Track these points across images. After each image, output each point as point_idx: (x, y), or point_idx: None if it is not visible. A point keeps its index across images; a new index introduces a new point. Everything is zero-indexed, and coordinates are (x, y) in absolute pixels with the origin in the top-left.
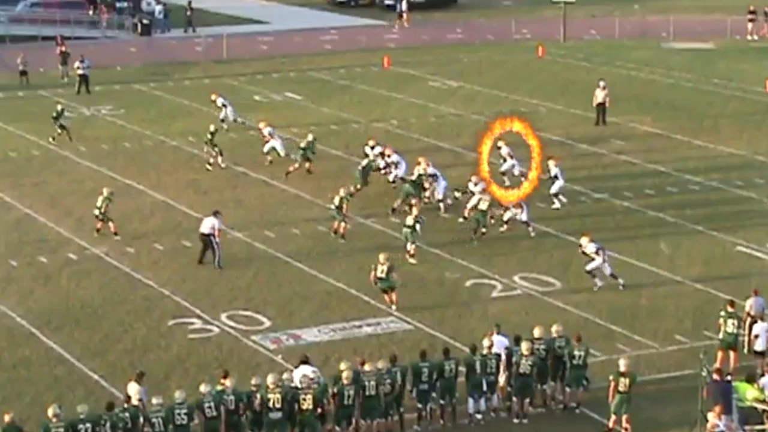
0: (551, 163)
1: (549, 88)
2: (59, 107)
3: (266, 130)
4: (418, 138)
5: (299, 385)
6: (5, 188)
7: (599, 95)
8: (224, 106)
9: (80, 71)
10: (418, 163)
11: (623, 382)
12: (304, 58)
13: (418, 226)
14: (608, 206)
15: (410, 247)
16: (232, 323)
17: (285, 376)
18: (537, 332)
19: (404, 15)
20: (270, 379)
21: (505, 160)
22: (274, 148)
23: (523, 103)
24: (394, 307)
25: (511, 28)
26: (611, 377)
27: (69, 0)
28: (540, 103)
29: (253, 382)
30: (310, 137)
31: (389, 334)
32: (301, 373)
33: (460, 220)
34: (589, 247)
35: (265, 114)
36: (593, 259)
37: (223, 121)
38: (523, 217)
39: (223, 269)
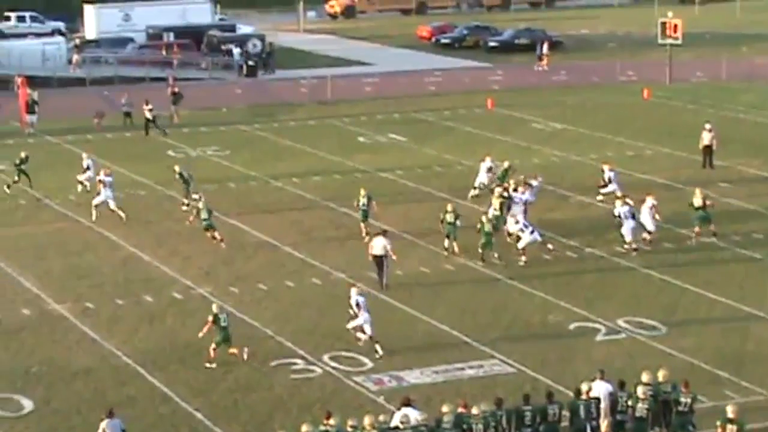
0: (606, 167)
1: (654, 130)
2: (23, 154)
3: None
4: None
5: (399, 426)
6: (112, 228)
7: (705, 138)
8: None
9: (147, 114)
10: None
11: (731, 429)
12: (408, 100)
13: (458, 222)
14: (715, 249)
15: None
16: (334, 364)
17: (381, 418)
18: (645, 377)
19: (544, 58)
20: (366, 421)
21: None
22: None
23: (627, 146)
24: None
25: (616, 69)
26: (718, 423)
27: (176, 42)
28: (645, 146)
29: (350, 423)
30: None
31: (492, 377)
32: (404, 415)
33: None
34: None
35: (368, 155)
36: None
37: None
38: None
39: (326, 310)
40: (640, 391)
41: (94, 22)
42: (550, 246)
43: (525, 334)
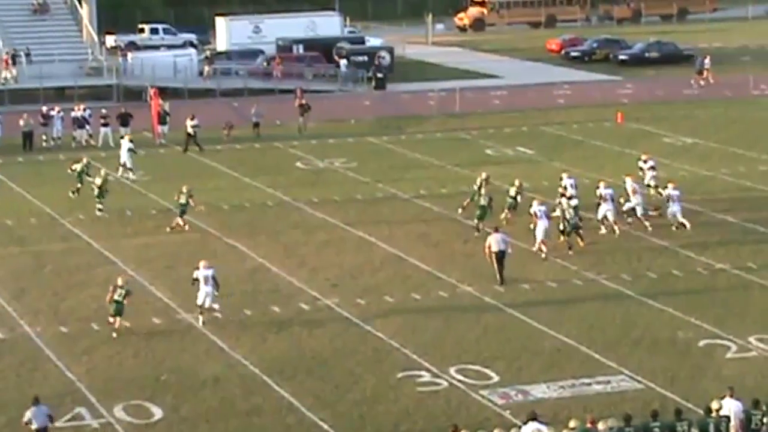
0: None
1: None
2: (85, 160)
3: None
4: (653, 194)
5: None
6: (241, 238)
7: None
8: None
9: (189, 129)
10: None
11: None
12: (536, 113)
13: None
14: None
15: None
16: (460, 377)
17: None
18: None
19: (705, 72)
20: None
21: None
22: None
23: (760, 161)
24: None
25: (749, 83)
26: None
27: (307, 55)
28: None
29: None
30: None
31: (620, 393)
32: (530, 429)
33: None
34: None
35: (496, 168)
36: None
37: None
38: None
39: (452, 323)
40: None
41: (225, 34)
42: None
43: (654, 350)
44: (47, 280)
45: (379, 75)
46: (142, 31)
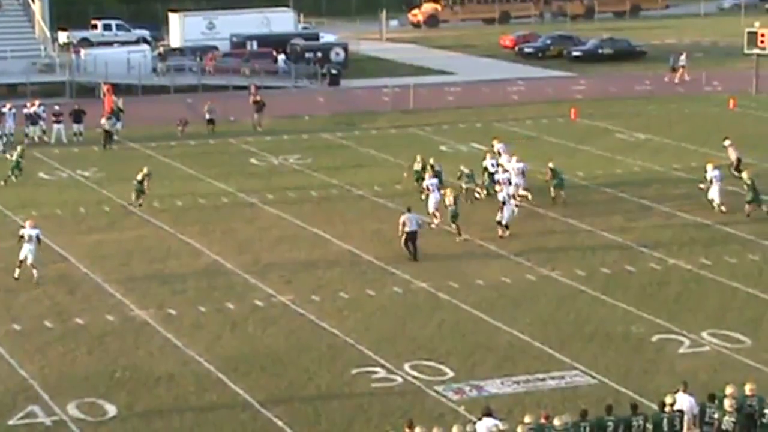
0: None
1: (740, 141)
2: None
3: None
4: (604, 191)
5: None
6: (195, 235)
7: None
8: None
9: (106, 126)
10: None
11: None
12: (490, 109)
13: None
14: None
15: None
16: (415, 373)
17: (468, 428)
18: (729, 390)
19: (681, 69)
20: (455, 430)
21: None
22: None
23: (712, 156)
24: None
25: (701, 80)
26: None
27: (260, 51)
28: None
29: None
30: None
31: (573, 388)
32: (485, 425)
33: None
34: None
35: (450, 165)
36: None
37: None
38: None
39: (407, 319)
40: (726, 403)
41: (178, 31)
42: None
43: (607, 345)
44: None
45: (333, 71)
46: (95, 27)
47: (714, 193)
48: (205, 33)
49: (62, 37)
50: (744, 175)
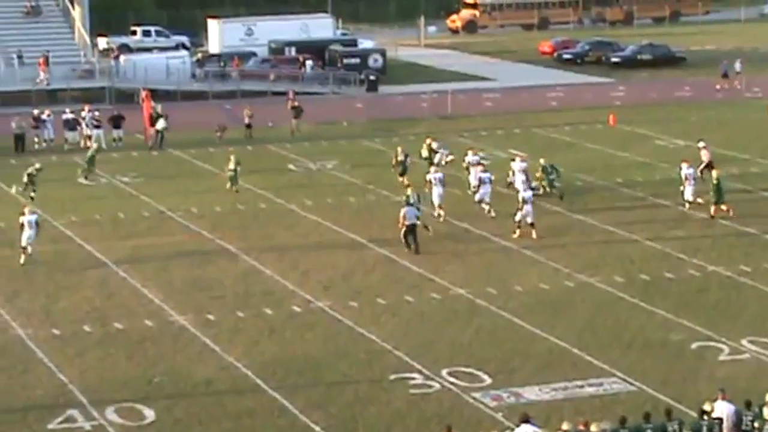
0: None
1: None
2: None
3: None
4: (642, 197)
5: None
6: (234, 240)
7: None
8: None
9: (159, 126)
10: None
11: None
12: (528, 115)
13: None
14: None
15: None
16: (453, 379)
17: None
18: None
19: (734, 76)
20: None
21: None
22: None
23: (753, 163)
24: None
25: (742, 86)
26: None
27: (298, 57)
28: None
29: None
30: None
31: (612, 395)
32: None
33: None
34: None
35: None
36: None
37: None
38: None
39: (445, 325)
40: (766, 412)
41: (217, 37)
42: None
43: (646, 352)
44: (40, 282)
45: (372, 77)
46: (134, 33)
47: (688, 192)
48: (244, 39)
49: (102, 43)
50: (713, 174)
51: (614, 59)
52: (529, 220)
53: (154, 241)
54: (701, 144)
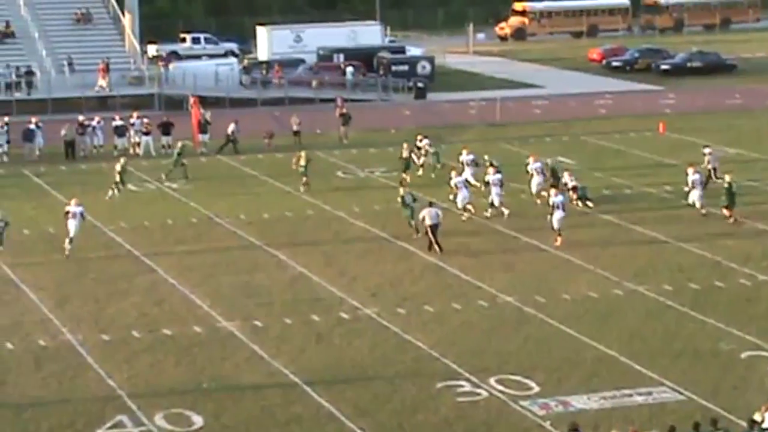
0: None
1: None
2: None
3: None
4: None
5: None
6: (281, 247)
7: None
8: None
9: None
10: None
11: None
12: (577, 123)
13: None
14: None
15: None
16: (500, 387)
17: None
18: None
19: None
20: None
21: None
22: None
23: None
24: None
25: None
26: None
27: (339, 64)
28: None
29: None
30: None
31: (661, 405)
32: None
33: None
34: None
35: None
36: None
37: None
38: None
39: (492, 333)
40: None
41: (266, 44)
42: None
43: (696, 361)
44: (89, 288)
45: (420, 84)
46: (183, 40)
47: (695, 197)
48: (293, 46)
49: (151, 50)
50: (726, 178)
51: (664, 67)
52: (555, 225)
53: (203, 248)
54: (707, 150)
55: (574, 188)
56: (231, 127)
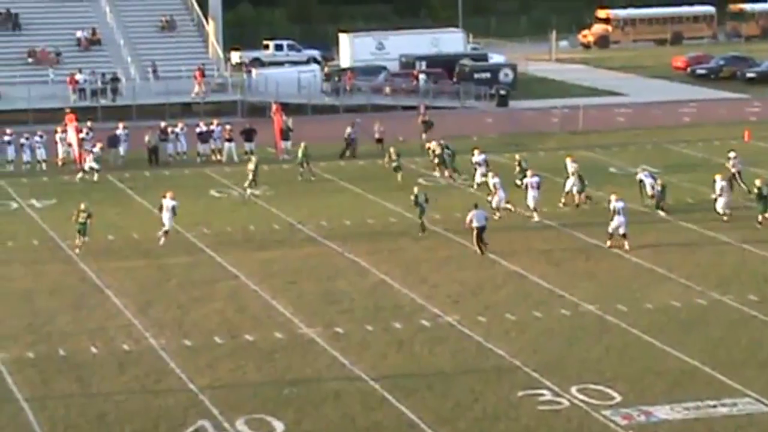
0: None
1: None
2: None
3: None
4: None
5: None
6: (363, 254)
7: None
8: None
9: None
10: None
11: None
12: (661, 131)
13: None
14: None
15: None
16: (582, 396)
17: None
18: None
19: None
20: None
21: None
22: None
23: None
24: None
25: None
26: None
27: (428, 71)
28: None
29: None
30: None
31: (746, 416)
32: None
33: None
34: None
35: (618, 186)
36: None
37: None
38: None
39: (574, 342)
40: None
41: (348, 51)
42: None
43: None
44: (172, 293)
45: (502, 92)
46: (266, 47)
47: (720, 205)
48: (375, 53)
49: (235, 57)
50: (756, 182)
51: (749, 75)
52: (621, 231)
53: (284, 254)
54: (732, 155)
55: (652, 196)
56: (348, 130)
